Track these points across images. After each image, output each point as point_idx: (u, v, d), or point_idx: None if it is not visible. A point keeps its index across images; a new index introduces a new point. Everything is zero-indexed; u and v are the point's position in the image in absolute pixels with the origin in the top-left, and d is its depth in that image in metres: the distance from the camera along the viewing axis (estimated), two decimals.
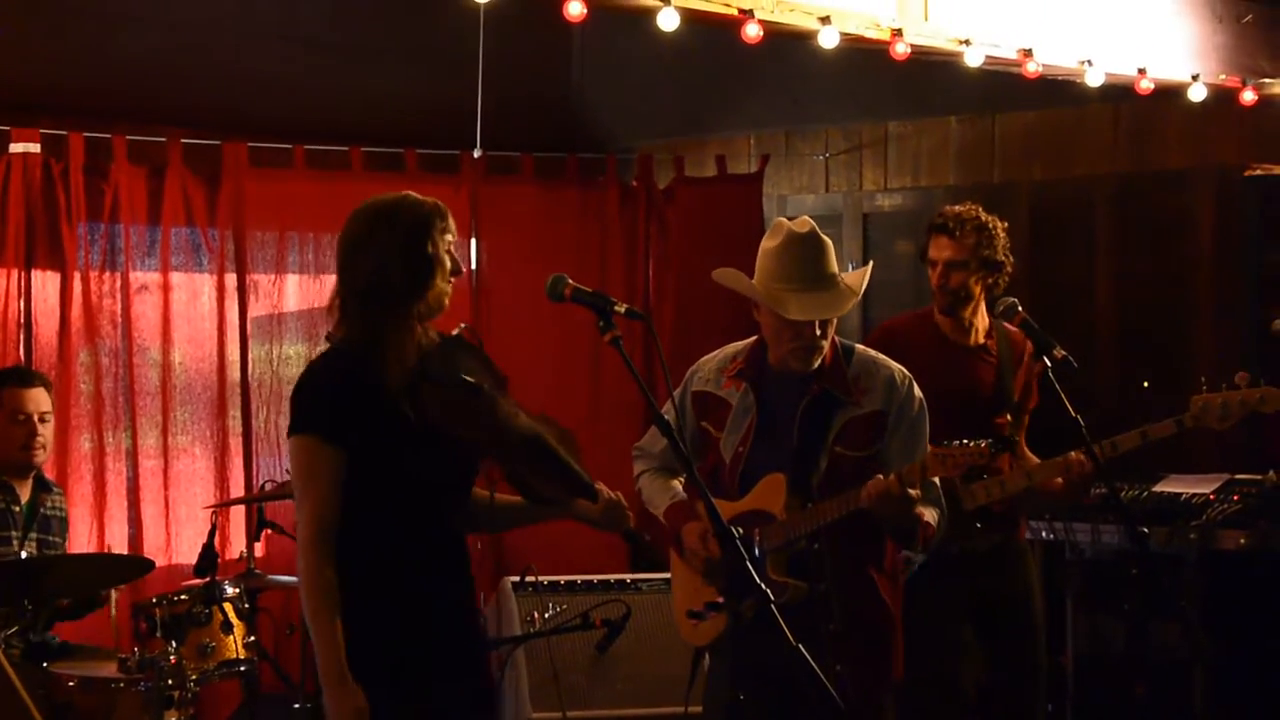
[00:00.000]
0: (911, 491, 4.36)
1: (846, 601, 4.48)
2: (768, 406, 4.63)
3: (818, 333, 4.51)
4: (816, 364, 4.57)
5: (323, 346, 4.05)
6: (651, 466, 4.93)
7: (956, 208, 5.68)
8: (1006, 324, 5.56)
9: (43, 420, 6.08)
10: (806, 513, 4.47)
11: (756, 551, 4.47)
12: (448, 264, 3.98)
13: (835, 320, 4.59)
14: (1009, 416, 5.60)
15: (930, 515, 4.53)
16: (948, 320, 5.67)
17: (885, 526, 4.48)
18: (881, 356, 4.70)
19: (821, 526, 4.44)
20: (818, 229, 4.59)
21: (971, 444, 4.27)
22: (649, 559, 4.38)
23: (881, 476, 4.35)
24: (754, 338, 4.75)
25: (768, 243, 4.62)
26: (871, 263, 4.71)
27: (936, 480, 4.60)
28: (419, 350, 3.94)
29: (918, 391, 4.64)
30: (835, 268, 4.58)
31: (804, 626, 3.95)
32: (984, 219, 5.63)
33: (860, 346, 4.73)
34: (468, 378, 3.90)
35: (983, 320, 5.70)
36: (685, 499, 4.77)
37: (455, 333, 4.03)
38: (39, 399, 6.08)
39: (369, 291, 3.90)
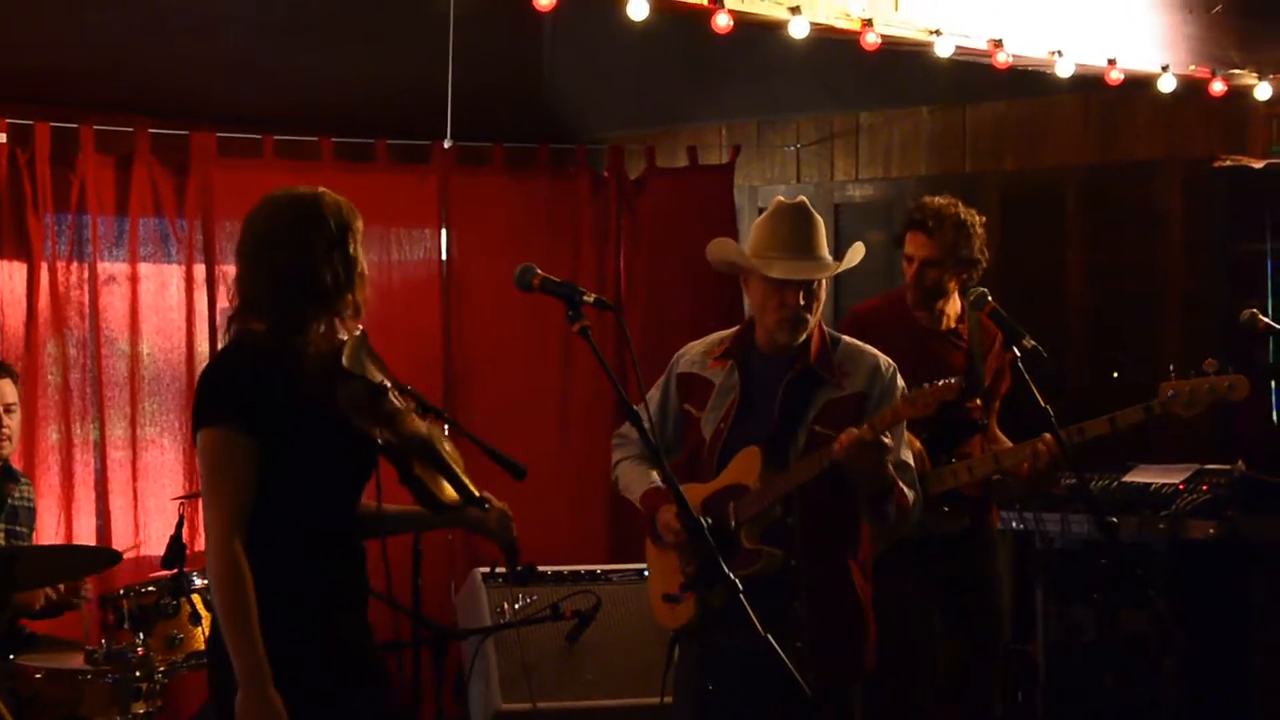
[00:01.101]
0: (885, 439, 4.37)
1: (818, 583, 4.51)
2: (751, 385, 4.67)
3: (801, 302, 4.55)
4: (802, 338, 4.61)
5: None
6: (631, 454, 4.95)
7: (936, 202, 5.67)
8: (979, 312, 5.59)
9: (8, 411, 6.05)
10: (781, 476, 4.49)
11: (732, 524, 4.48)
12: (364, 267, 3.95)
13: (821, 299, 4.64)
14: (979, 401, 5.62)
15: (908, 492, 4.56)
16: (919, 309, 5.69)
17: (860, 487, 4.49)
18: (868, 346, 4.74)
19: (796, 489, 4.46)
20: (809, 204, 4.66)
21: (941, 382, 4.30)
22: (519, 576, 4.38)
23: (854, 429, 4.37)
24: (742, 323, 4.80)
25: (761, 217, 4.71)
26: (861, 244, 4.72)
27: (911, 461, 4.65)
28: (330, 348, 3.89)
29: (900, 381, 4.67)
30: (824, 243, 4.64)
31: (772, 604, 3.97)
32: (963, 216, 5.63)
33: (847, 338, 4.78)
34: (372, 377, 3.89)
35: (954, 306, 5.72)
36: (662, 486, 4.78)
37: (358, 334, 3.99)
38: (3, 390, 6.04)
39: (292, 287, 3.85)
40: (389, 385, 3.90)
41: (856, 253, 4.67)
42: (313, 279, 3.85)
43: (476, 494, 4.05)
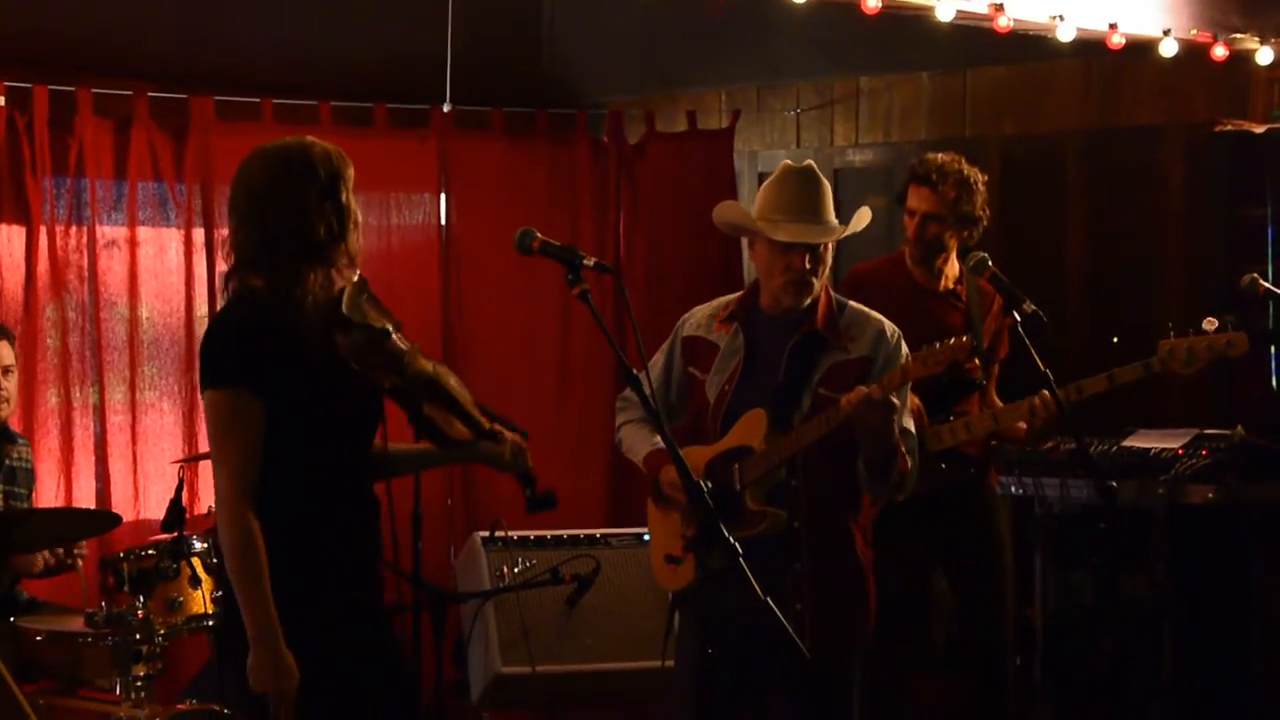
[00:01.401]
0: (892, 399, 4.37)
1: (820, 545, 4.51)
2: (756, 348, 4.68)
3: (807, 265, 4.54)
4: (808, 301, 4.61)
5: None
6: (634, 417, 4.97)
7: (940, 158, 5.70)
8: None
9: (6, 373, 6.06)
10: (786, 437, 4.49)
11: (737, 486, 4.49)
12: (358, 215, 3.96)
13: (828, 263, 4.64)
14: (977, 361, 5.63)
15: (907, 458, 4.56)
16: (918, 266, 5.70)
17: (865, 446, 4.48)
18: (874, 312, 4.75)
19: (802, 450, 4.47)
20: (816, 168, 4.65)
21: (953, 340, 4.30)
22: (539, 502, 4.33)
23: (862, 386, 4.36)
24: (747, 286, 4.80)
25: (768, 180, 4.71)
26: (868, 209, 4.72)
27: (912, 428, 4.64)
28: (327, 298, 3.90)
29: (905, 348, 4.67)
30: (830, 207, 4.63)
31: (773, 566, 3.97)
32: (966, 172, 5.67)
33: (853, 303, 4.77)
34: (373, 323, 3.89)
35: (953, 268, 5.73)
36: (664, 447, 4.78)
37: (356, 279, 3.99)
38: (1, 352, 6.05)
39: (286, 240, 3.86)
40: (391, 328, 3.91)
41: (863, 217, 4.68)
42: (306, 230, 3.85)
43: (487, 426, 4.06)
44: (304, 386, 3.83)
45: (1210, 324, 5.26)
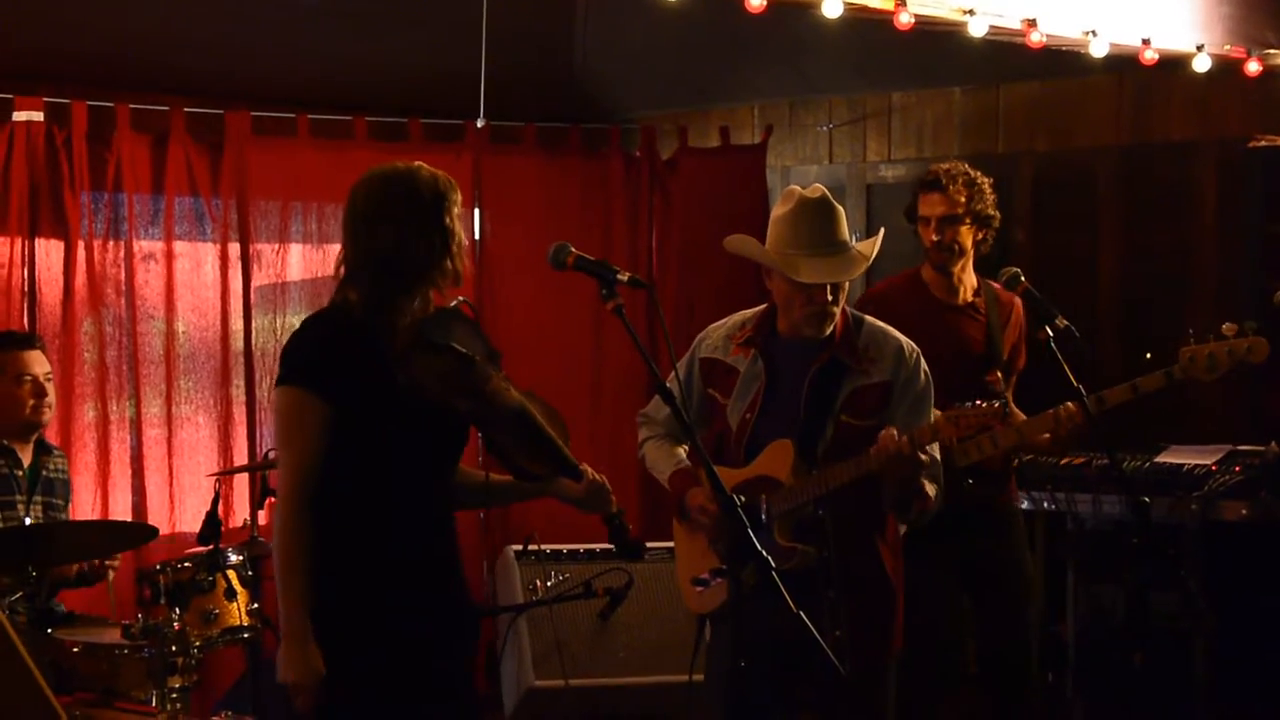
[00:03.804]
0: (921, 455, 4.37)
1: (850, 569, 4.50)
2: (776, 374, 4.65)
3: (829, 298, 4.53)
4: (829, 330, 4.59)
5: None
6: (657, 433, 4.95)
7: (944, 165, 5.74)
8: (994, 284, 5.60)
9: (47, 379, 6.11)
10: (815, 477, 4.48)
11: (764, 517, 4.49)
12: (461, 237, 4.06)
13: (847, 288, 4.62)
14: (999, 374, 5.64)
15: (930, 489, 4.54)
16: (936, 279, 5.71)
17: (887, 491, 4.49)
18: (891, 329, 4.72)
19: (830, 491, 4.46)
20: (829, 195, 4.63)
21: (984, 404, 4.29)
22: (626, 547, 4.37)
23: (894, 433, 4.35)
24: (763, 305, 4.76)
25: (780, 209, 4.66)
26: (883, 230, 4.72)
27: (937, 455, 4.62)
28: (416, 319, 3.98)
29: (924, 365, 4.67)
30: (847, 234, 4.61)
31: (805, 593, 3.97)
32: (973, 174, 5.71)
33: (870, 318, 4.75)
34: (459, 347, 3.93)
35: (971, 278, 5.74)
36: (689, 466, 4.79)
37: (453, 304, 4.06)
38: (41, 360, 6.11)
39: (385, 261, 3.98)
40: (477, 355, 3.95)
41: (879, 238, 4.67)
42: (403, 252, 3.97)
43: (574, 463, 4.09)
44: (376, 401, 3.92)
45: (1230, 329, 5.26)
